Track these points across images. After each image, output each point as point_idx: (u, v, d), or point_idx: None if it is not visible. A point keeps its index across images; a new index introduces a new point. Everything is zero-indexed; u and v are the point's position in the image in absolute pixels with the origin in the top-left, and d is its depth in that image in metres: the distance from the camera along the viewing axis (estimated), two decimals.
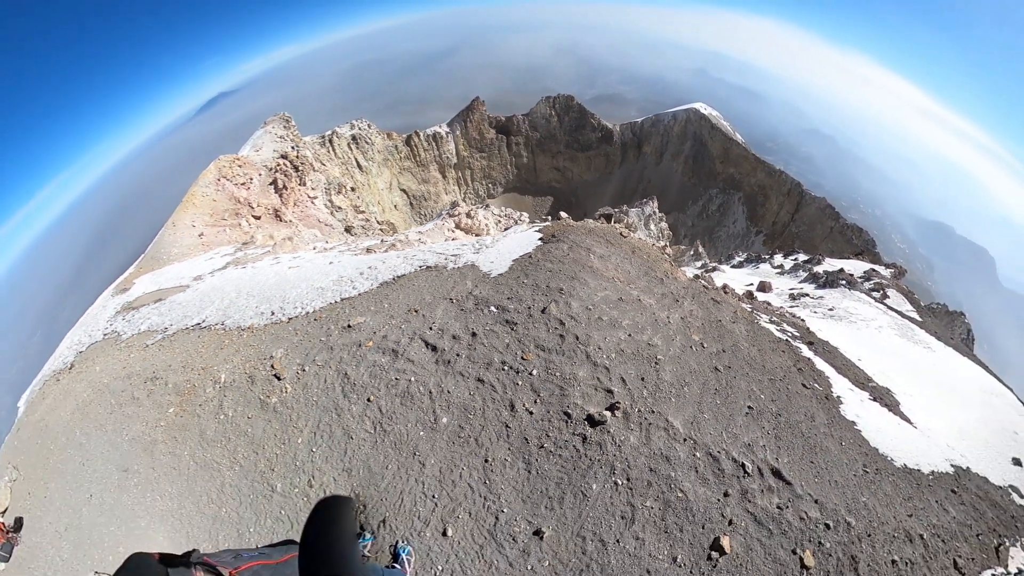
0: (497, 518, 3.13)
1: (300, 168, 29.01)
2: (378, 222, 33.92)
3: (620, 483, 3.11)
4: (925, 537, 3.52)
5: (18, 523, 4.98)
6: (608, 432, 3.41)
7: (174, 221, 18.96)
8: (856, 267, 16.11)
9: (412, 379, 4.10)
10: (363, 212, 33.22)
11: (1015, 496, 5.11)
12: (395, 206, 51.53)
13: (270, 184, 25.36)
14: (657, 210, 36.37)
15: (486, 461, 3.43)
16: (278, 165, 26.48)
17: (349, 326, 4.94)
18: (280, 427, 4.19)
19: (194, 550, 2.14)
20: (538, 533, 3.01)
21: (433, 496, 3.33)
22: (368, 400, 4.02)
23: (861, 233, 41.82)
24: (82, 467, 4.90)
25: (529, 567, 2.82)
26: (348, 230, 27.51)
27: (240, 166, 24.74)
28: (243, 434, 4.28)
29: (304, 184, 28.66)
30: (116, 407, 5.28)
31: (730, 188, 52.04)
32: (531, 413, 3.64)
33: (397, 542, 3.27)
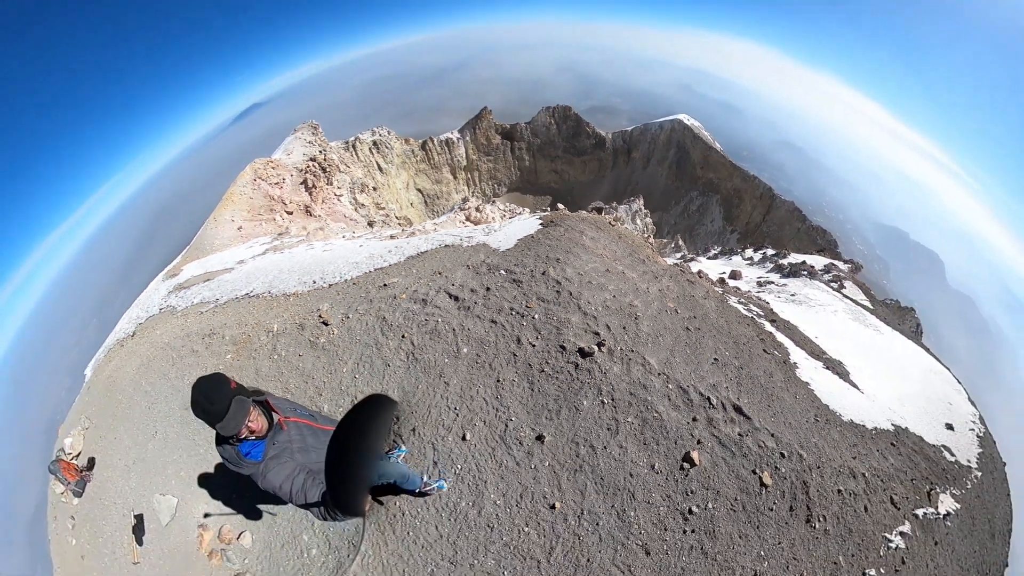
0: (506, 426, 3.36)
1: (327, 170, 28.90)
2: (397, 217, 33.88)
3: (606, 402, 3.29)
4: (867, 476, 3.68)
5: (91, 463, 5.07)
6: (595, 362, 3.65)
7: (215, 217, 19.00)
8: (818, 261, 16.11)
9: (439, 320, 4.40)
10: (383, 209, 33.20)
11: (946, 454, 5.27)
12: (411, 204, 51.43)
13: (300, 184, 25.31)
14: (643, 207, 36.27)
15: (498, 381, 3.68)
16: (308, 167, 26.39)
17: (384, 285, 5.17)
18: (327, 361, 4.40)
19: (264, 392, 2.23)
20: (540, 438, 3.23)
21: (455, 409, 3.58)
22: (402, 337, 4.27)
23: (825, 234, 41.65)
24: (148, 410, 5.00)
25: (532, 466, 3.02)
26: (371, 224, 27.52)
27: (273, 168, 24.69)
28: (294, 368, 4.45)
29: (331, 184, 28.58)
30: (177, 359, 5.36)
31: (709, 191, 51.75)
32: (533, 346, 3.90)
33: (440, 482, 3.37)
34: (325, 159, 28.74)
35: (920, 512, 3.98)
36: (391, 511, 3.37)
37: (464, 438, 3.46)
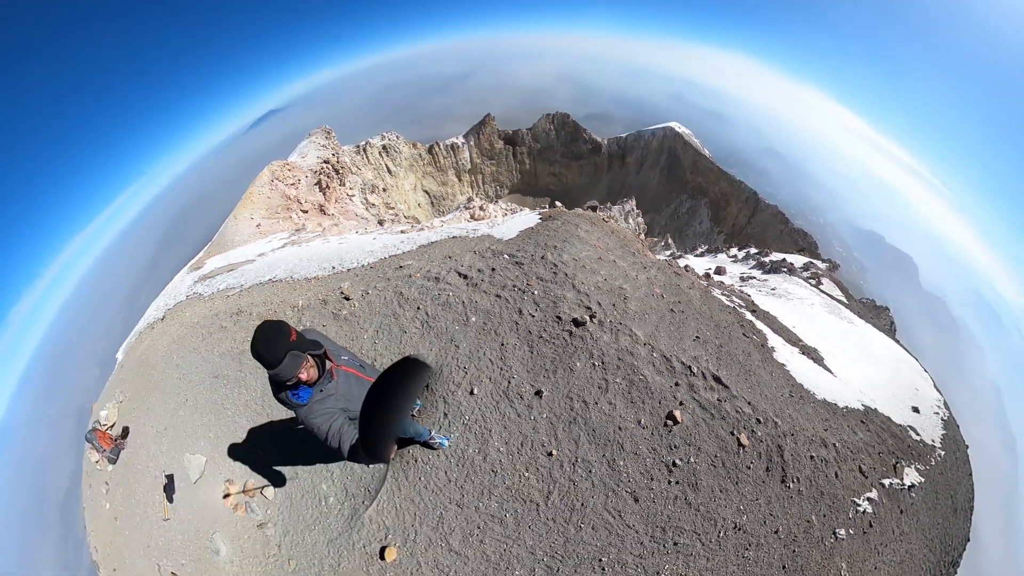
0: (509, 383, 3.53)
1: (340, 171, 28.86)
2: (405, 217, 33.88)
3: (596, 364, 3.42)
4: (837, 446, 3.78)
5: (124, 431, 5.09)
6: (588, 331, 3.81)
7: (235, 215, 19.04)
8: (797, 260, 16.19)
9: (450, 294, 4.59)
10: (393, 208, 33.19)
11: (912, 433, 5.36)
12: (419, 204, 51.42)
13: (315, 184, 25.30)
14: (635, 208, 36.30)
15: (502, 345, 3.84)
16: (322, 168, 26.38)
17: (400, 267, 5.30)
18: (350, 330, 4.55)
19: (321, 344, 2.27)
20: (538, 393, 3.39)
21: (464, 368, 3.75)
22: (417, 308, 4.47)
23: (806, 236, 41.72)
24: (179, 381, 5.03)
25: (532, 417, 3.15)
26: (381, 223, 27.53)
27: (289, 170, 24.69)
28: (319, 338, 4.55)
29: (343, 185, 28.55)
30: (207, 335, 5.40)
31: (697, 194, 51.75)
32: (533, 316, 4.08)
33: (443, 439, 3.55)
34: (338, 162, 28.70)
35: (887, 482, 4.09)
36: (405, 459, 3.51)
37: (472, 392, 3.63)
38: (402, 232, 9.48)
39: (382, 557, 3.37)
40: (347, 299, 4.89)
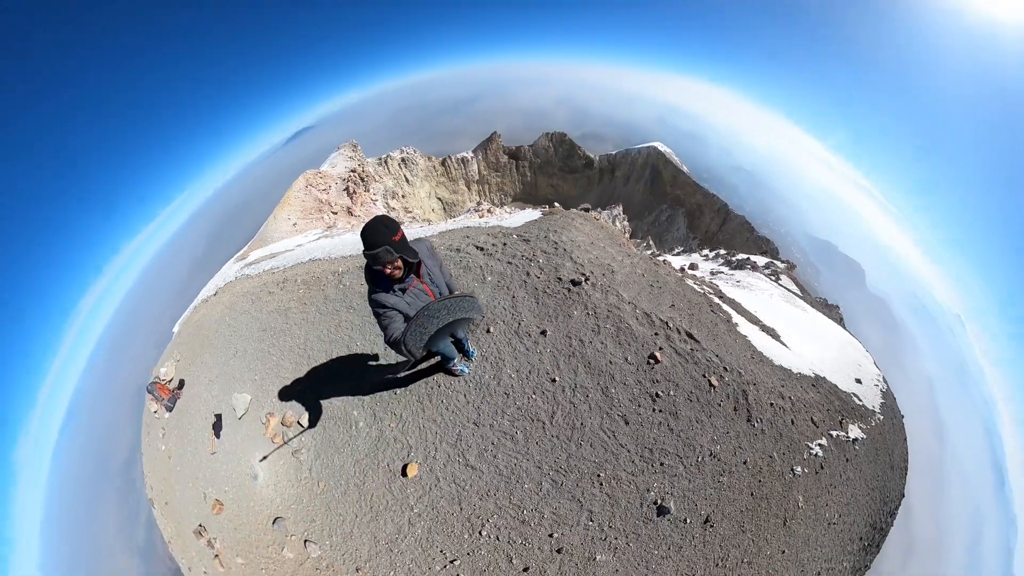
0: (519, 324, 3.77)
1: (365, 180, 28.84)
2: (421, 219, 33.87)
3: (590, 313, 3.59)
4: (792, 399, 3.92)
5: (181, 384, 5.08)
6: (583, 289, 4.11)
7: (274, 215, 19.03)
8: (760, 260, 16.28)
9: (470, 261, 4.82)
10: (410, 212, 33.29)
11: (855, 399, 5.47)
12: (432, 209, 51.40)
13: (343, 190, 25.32)
14: (622, 212, 36.43)
15: (513, 297, 4.09)
16: (349, 176, 26.36)
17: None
18: None
19: (420, 259, 2.30)
20: (543, 333, 3.60)
21: (482, 314, 3.91)
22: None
23: (769, 243, 41.69)
24: (230, 337, 5.02)
25: (538, 351, 3.30)
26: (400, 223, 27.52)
27: (321, 177, 24.66)
28: (357, 293, 4.67)
29: (368, 191, 28.54)
30: (256, 299, 5.42)
31: (676, 205, 51.78)
32: (538, 277, 4.38)
33: (464, 367, 3.71)
34: (363, 171, 28.72)
35: (834, 433, 4.21)
36: (429, 384, 3.59)
37: (488, 331, 3.84)
38: (420, 227, 9.55)
39: (404, 474, 3.39)
40: None
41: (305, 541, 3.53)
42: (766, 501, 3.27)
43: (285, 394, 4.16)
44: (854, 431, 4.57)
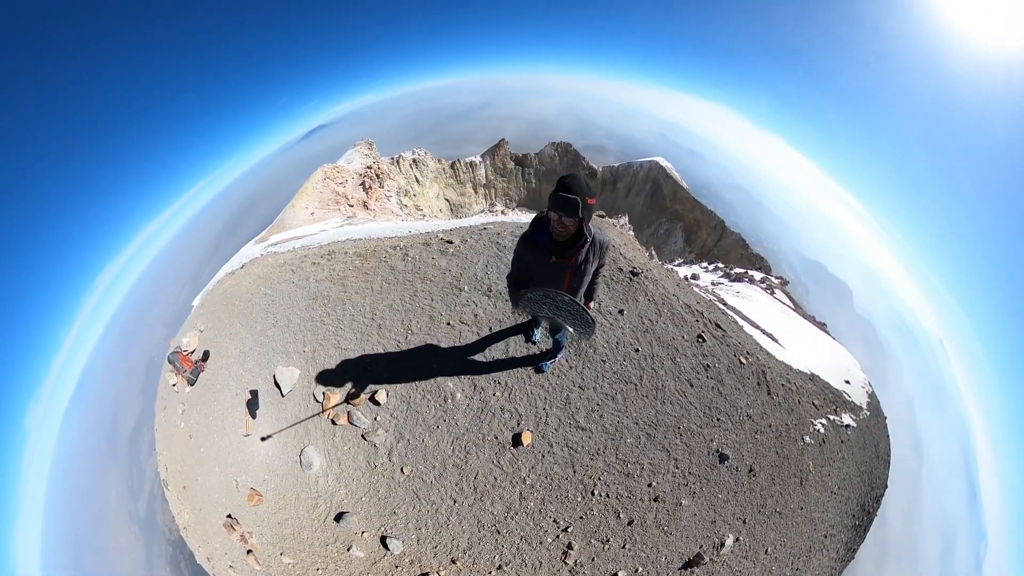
0: (600, 305, 4.10)
1: (379, 176, 28.99)
2: (431, 217, 34.03)
3: (650, 299, 4.63)
4: (796, 385, 4.22)
5: (205, 355, 4.31)
6: (641, 279, 4.52)
7: (292, 204, 19.00)
8: (756, 274, 16.51)
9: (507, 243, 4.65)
10: (421, 210, 33.44)
11: (845, 395, 5.69)
12: (440, 209, 51.61)
13: (360, 184, 25.48)
14: (628, 223, 36.82)
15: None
16: (365, 172, 26.54)
17: (484, 228, 5.14)
18: (459, 262, 4.36)
19: (591, 233, 1.94)
20: (621, 312, 4.14)
21: (588, 339, 4.06)
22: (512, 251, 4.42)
23: (762, 260, 41.98)
24: (268, 306, 4.13)
25: (620, 327, 4.32)
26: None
27: (338, 171, 24.85)
28: (430, 265, 4.21)
29: (382, 187, 28.70)
30: (297, 269, 4.47)
31: (674, 219, 52.04)
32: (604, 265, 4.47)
33: (546, 364, 3.65)
34: (378, 168, 28.90)
35: (831, 417, 4.53)
36: (530, 351, 3.60)
37: None
38: (440, 222, 9.57)
39: (516, 444, 3.13)
40: (449, 243, 4.64)
41: (383, 538, 3.04)
42: (787, 460, 3.83)
43: (347, 368, 3.50)
44: (846, 418, 4.82)
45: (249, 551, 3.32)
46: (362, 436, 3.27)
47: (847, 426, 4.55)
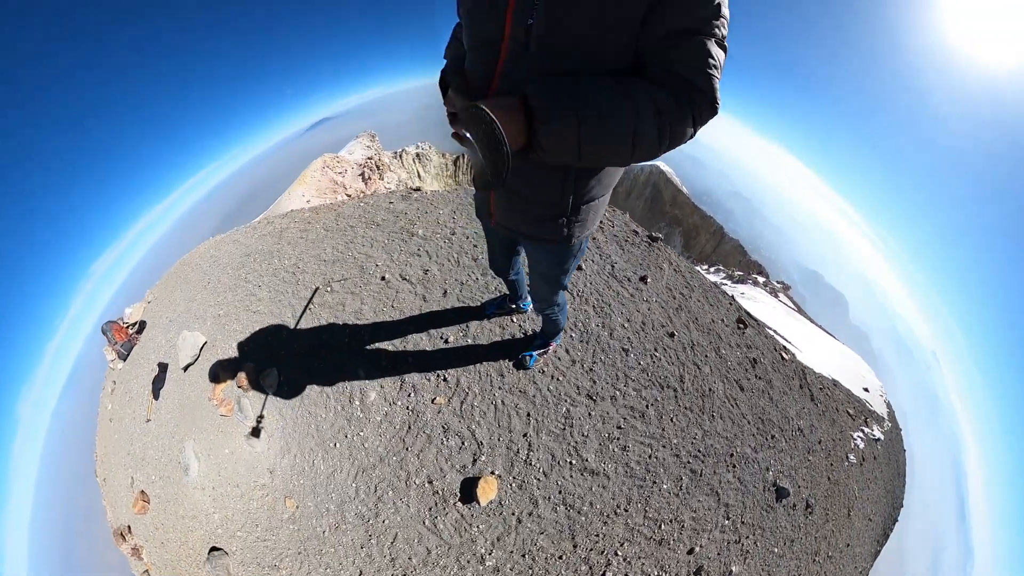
0: (613, 267, 3.17)
1: (379, 168, 28.56)
2: None
3: (676, 269, 3.56)
4: (829, 389, 3.69)
5: (141, 326, 3.62)
6: (660, 245, 3.81)
7: (289, 192, 18.63)
8: (760, 278, 16.15)
9: None
10: None
11: (868, 404, 5.23)
12: None
13: (359, 175, 25.03)
14: (630, 220, 36.67)
15: (593, 239, 3.55)
16: (365, 163, 26.11)
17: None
18: (421, 206, 3.38)
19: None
20: (643, 279, 3.19)
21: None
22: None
23: (760, 268, 41.87)
24: (209, 267, 3.28)
25: (645, 299, 3.06)
26: None
27: (338, 161, 24.38)
28: (383, 208, 3.35)
29: (383, 179, 28.27)
30: (254, 228, 3.57)
31: (674, 224, 51.87)
32: (613, 223, 4.11)
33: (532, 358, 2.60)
34: (380, 159, 28.47)
35: (864, 430, 4.00)
36: (506, 329, 2.54)
37: (580, 268, 3.06)
38: None
39: (467, 498, 1.79)
40: (416, 189, 4.14)
41: None
42: (837, 487, 2.89)
43: (256, 338, 2.43)
44: (876, 431, 4.33)
45: (146, 571, 2.44)
46: (246, 436, 2.10)
47: (876, 440, 4.04)
